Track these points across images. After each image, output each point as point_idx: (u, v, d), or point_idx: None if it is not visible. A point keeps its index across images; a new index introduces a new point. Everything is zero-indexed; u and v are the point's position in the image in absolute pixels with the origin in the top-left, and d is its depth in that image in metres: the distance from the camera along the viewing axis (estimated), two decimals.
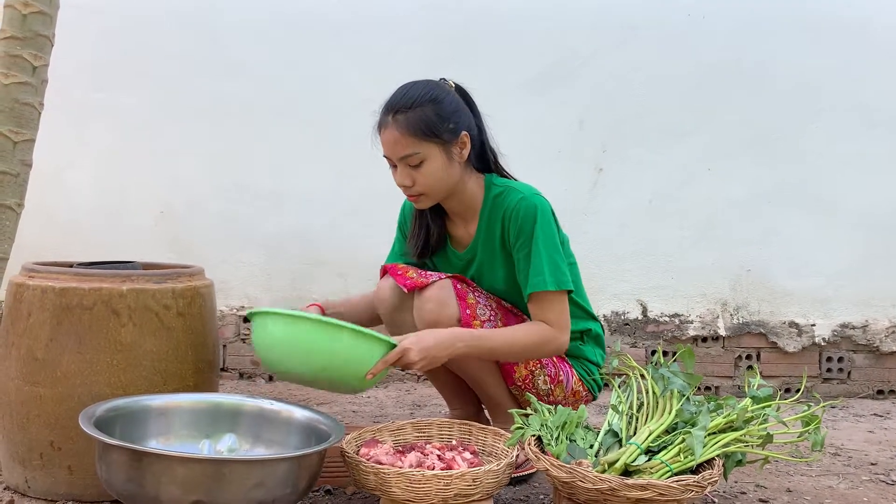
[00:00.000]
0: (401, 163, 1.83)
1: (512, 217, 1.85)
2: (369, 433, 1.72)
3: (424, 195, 1.86)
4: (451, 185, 1.87)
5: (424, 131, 1.79)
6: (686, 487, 1.38)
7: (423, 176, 1.82)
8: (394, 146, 1.81)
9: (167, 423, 1.58)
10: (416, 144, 1.80)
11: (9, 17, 1.21)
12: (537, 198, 1.86)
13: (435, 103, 1.81)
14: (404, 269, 1.96)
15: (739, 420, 1.57)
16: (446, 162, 1.83)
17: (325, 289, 3.08)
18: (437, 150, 1.81)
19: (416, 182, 1.83)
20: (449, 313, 1.85)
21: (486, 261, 1.95)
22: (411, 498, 1.44)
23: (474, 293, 1.91)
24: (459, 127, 1.84)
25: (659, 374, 1.66)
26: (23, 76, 1.22)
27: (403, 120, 1.79)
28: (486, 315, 1.88)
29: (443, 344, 1.72)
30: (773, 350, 3.08)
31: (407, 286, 1.88)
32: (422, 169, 1.82)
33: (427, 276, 1.90)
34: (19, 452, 1.71)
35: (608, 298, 3.11)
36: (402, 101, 1.81)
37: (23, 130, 1.24)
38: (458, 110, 1.86)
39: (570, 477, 1.41)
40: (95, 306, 1.67)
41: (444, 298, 1.86)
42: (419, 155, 1.80)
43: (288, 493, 1.34)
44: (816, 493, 1.90)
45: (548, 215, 1.85)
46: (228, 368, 3.07)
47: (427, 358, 1.69)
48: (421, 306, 1.88)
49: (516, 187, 1.89)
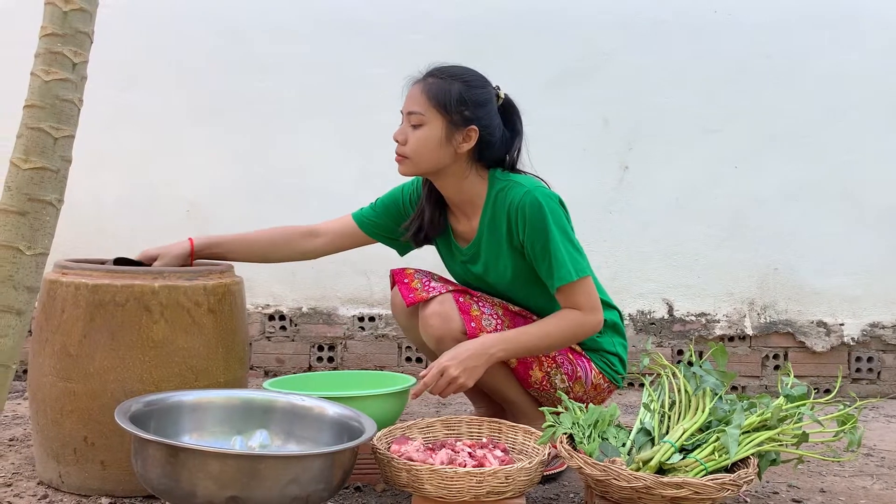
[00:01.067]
0: (406, 118, 1.86)
1: (518, 211, 1.83)
2: (399, 430, 1.72)
3: (409, 160, 1.85)
4: (436, 164, 1.85)
5: (438, 99, 1.81)
6: (722, 486, 1.37)
7: (414, 138, 1.83)
8: (410, 100, 1.85)
9: (200, 419, 1.58)
10: (425, 106, 1.82)
11: (50, 14, 1.22)
12: (541, 190, 1.84)
13: (465, 86, 1.83)
14: (410, 276, 1.97)
15: (774, 419, 1.55)
16: (442, 139, 1.83)
17: (348, 286, 3.09)
18: (439, 123, 1.82)
19: (407, 141, 1.84)
20: (453, 327, 1.85)
21: (492, 256, 1.93)
22: (444, 495, 1.43)
23: (478, 304, 1.90)
24: (473, 120, 1.83)
25: (691, 373, 1.64)
26: (63, 73, 1.22)
27: (431, 82, 1.84)
28: (491, 325, 1.88)
29: (478, 353, 1.75)
30: (801, 350, 3.05)
31: (408, 301, 1.90)
32: (418, 131, 1.83)
33: (429, 290, 1.90)
34: (53, 448, 1.73)
35: (633, 297, 3.09)
36: (442, 70, 1.87)
37: (63, 126, 1.24)
38: (483, 107, 1.85)
39: (605, 475, 1.40)
40: (128, 303, 1.69)
41: (446, 313, 1.86)
42: (422, 117, 1.82)
43: (321, 489, 1.34)
44: (850, 494, 1.88)
45: (555, 206, 1.83)
46: (254, 366, 3.09)
47: (467, 369, 1.74)
48: (425, 321, 1.89)
49: (519, 181, 1.87)
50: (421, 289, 1.91)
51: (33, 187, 1.22)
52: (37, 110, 1.22)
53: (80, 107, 1.26)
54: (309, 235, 2.10)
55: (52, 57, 1.21)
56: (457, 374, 1.73)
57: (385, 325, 3.09)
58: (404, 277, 1.97)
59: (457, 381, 1.73)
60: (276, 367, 3.10)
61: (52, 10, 1.20)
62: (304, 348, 3.10)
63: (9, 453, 2.01)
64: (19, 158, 1.23)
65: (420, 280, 1.94)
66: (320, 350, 3.11)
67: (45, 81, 1.22)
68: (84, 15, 1.23)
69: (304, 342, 3.11)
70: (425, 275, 1.98)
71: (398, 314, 2.06)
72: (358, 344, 3.09)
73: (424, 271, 2.01)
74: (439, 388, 1.75)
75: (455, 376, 1.73)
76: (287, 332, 3.11)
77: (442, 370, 1.73)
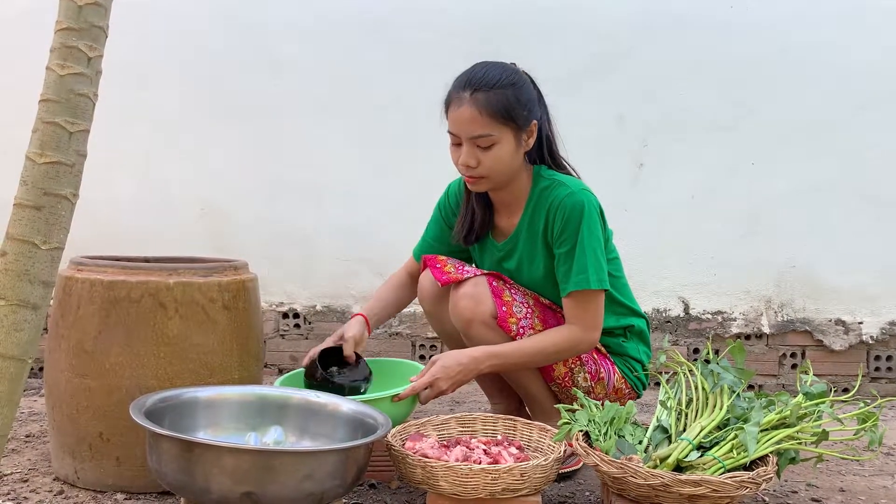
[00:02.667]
0: (469, 142, 1.78)
1: (558, 212, 1.82)
2: (414, 427, 1.71)
3: (486, 178, 1.82)
4: (514, 172, 1.85)
5: (503, 114, 1.76)
6: (741, 484, 1.36)
7: (489, 159, 1.79)
8: (468, 124, 1.77)
9: (215, 415, 1.58)
10: (492, 126, 1.76)
11: (65, 8, 1.22)
12: (585, 193, 1.83)
13: (515, 87, 1.79)
14: (443, 261, 1.95)
15: (793, 417, 1.53)
16: (515, 148, 1.81)
17: (362, 285, 3.08)
18: (510, 135, 1.79)
19: (480, 163, 1.79)
20: (483, 309, 1.84)
21: (527, 253, 1.92)
22: (459, 492, 1.43)
23: (511, 290, 1.90)
24: (532, 115, 1.83)
25: (708, 370, 1.63)
26: (78, 67, 1.23)
27: (484, 99, 1.75)
28: (522, 312, 1.87)
29: (468, 369, 1.79)
30: (819, 348, 3.02)
31: (442, 281, 1.89)
32: (491, 152, 1.78)
33: (463, 272, 1.89)
34: (69, 443, 1.73)
35: (649, 295, 3.06)
36: (483, 80, 1.78)
37: (78, 121, 1.25)
38: (533, 98, 1.84)
39: (622, 472, 1.39)
40: (143, 299, 1.69)
41: (479, 295, 1.85)
42: (493, 137, 1.77)
43: (336, 485, 1.34)
44: (871, 493, 1.86)
45: (593, 212, 1.82)
46: (268, 364, 3.09)
47: (455, 384, 1.79)
48: (456, 302, 1.88)
49: (564, 181, 1.87)
50: (455, 272, 1.90)
51: (49, 182, 1.22)
52: (52, 105, 1.22)
53: (95, 101, 1.27)
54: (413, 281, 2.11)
55: (67, 51, 1.21)
56: (445, 388, 1.77)
57: (398, 323, 3.09)
58: (437, 262, 1.96)
59: (444, 393, 1.78)
60: (290, 365, 3.10)
61: (67, 4, 1.20)
62: None
63: (25, 449, 2.02)
64: (35, 153, 1.23)
65: (454, 265, 1.94)
66: None
67: (61, 76, 1.22)
68: (99, 9, 1.24)
69: (318, 340, 3.09)
70: (458, 262, 1.98)
71: (425, 298, 2.02)
72: (371, 342, 3.09)
73: (456, 259, 2.01)
74: (426, 397, 1.78)
75: (443, 389, 1.77)
76: (301, 330, 3.11)
77: (432, 382, 1.76)
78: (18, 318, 1.22)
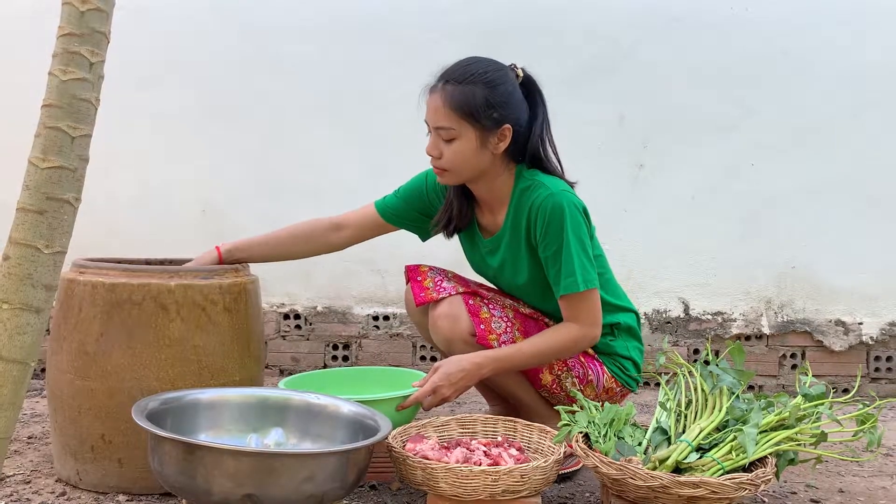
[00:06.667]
0: (435, 132, 1.81)
1: (539, 213, 1.79)
2: (414, 429, 1.72)
3: (448, 171, 1.82)
4: (477, 171, 1.83)
5: (465, 110, 1.75)
6: (739, 485, 1.36)
7: (450, 152, 1.79)
8: (433, 113, 1.79)
9: (216, 417, 1.59)
10: (453, 120, 1.76)
11: (67, 13, 1.23)
12: (564, 195, 1.79)
13: (488, 87, 1.77)
14: (423, 274, 1.97)
15: (792, 418, 1.54)
16: (477, 147, 1.79)
17: (363, 286, 3.09)
18: (472, 134, 1.78)
19: (443, 155, 1.80)
20: (461, 328, 1.86)
21: (511, 253, 1.91)
22: (459, 493, 1.43)
23: (488, 306, 1.90)
24: (504, 119, 1.78)
25: (708, 371, 1.63)
26: (80, 72, 1.23)
27: (451, 91, 1.76)
28: (501, 328, 1.87)
29: (470, 374, 1.79)
30: (819, 349, 3.02)
31: (417, 301, 1.92)
32: (451, 145, 1.79)
33: (440, 290, 1.90)
34: (71, 445, 1.74)
35: (649, 296, 3.07)
36: (457, 73, 1.79)
37: (80, 126, 1.25)
38: (510, 102, 1.80)
39: (621, 474, 1.40)
40: (144, 301, 1.70)
41: (455, 314, 1.87)
42: (453, 131, 1.77)
43: (337, 486, 1.34)
44: (870, 494, 1.86)
45: (575, 212, 1.79)
46: (269, 365, 3.10)
47: (458, 390, 1.79)
48: (434, 322, 1.90)
49: (545, 182, 1.82)
50: (432, 288, 1.91)
51: (51, 186, 1.23)
52: (54, 110, 1.23)
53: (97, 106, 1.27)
54: (333, 228, 2.09)
55: (69, 56, 1.22)
56: (448, 395, 1.78)
57: (399, 323, 3.09)
58: (417, 275, 1.97)
59: (447, 399, 1.79)
60: (291, 366, 3.11)
61: (69, 9, 1.21)
62: (319, 347, 3.11)
63: (27, 451, 2.03)
64: (37, 158, 1.24)
65: (433, 279, 1.94)
66: (335, 349, 3.11)
67: (63, 81, 1.22)
68: (101, 15, 1.24)
69: (319, 341, 3.11)
70: (439, 273, 1.98)
71: (412, 311, 2.06)
72: (372, 343, 3.10)
73: (439, 269, 2.00)
74: (429, 404, 1.79)
75: (446, 396, 1.78)
76: (302, 331, 3.12)
77: (435, 389, 1.77)
78: (21, 321, 1.23)
